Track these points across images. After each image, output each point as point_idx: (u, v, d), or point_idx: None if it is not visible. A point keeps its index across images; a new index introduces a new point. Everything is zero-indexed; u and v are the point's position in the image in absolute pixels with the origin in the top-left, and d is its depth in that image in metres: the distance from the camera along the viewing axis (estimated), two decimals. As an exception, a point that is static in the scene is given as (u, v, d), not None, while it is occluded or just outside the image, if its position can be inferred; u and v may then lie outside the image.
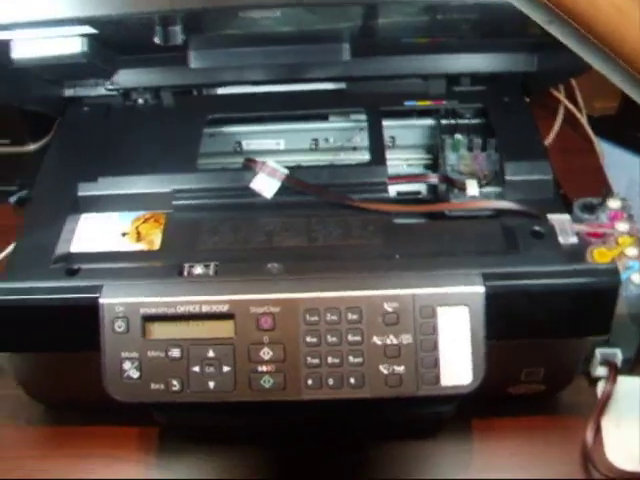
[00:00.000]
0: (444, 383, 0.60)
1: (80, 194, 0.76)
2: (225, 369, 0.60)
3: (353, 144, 0.87)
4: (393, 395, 0.60)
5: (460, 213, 0.73)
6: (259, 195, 0.75)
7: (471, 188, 0.74)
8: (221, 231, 0.72)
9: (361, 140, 0.86)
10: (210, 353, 0.61)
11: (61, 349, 0.64)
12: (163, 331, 0.61)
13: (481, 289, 0.60)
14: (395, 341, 0.60)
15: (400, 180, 0.80)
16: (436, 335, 0.60)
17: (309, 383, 0.60)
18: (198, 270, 0.66)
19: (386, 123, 0.82)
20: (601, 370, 0.74)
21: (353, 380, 0.60)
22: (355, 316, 0.60)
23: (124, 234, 0.74)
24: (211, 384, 0.61)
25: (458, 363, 0.60)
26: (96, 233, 0.74)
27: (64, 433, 0.75)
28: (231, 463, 0.72)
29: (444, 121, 0.83)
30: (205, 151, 0.81)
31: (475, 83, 0.86)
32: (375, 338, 0.60)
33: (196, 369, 0.61)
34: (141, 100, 0.88)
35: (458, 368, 0.60)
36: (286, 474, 0.72)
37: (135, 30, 0.71)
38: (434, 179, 0.78)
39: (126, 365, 0.61)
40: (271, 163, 0.75)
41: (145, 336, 0.61)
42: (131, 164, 0.78)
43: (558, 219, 0.70)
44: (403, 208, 0.74)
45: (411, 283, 0.61)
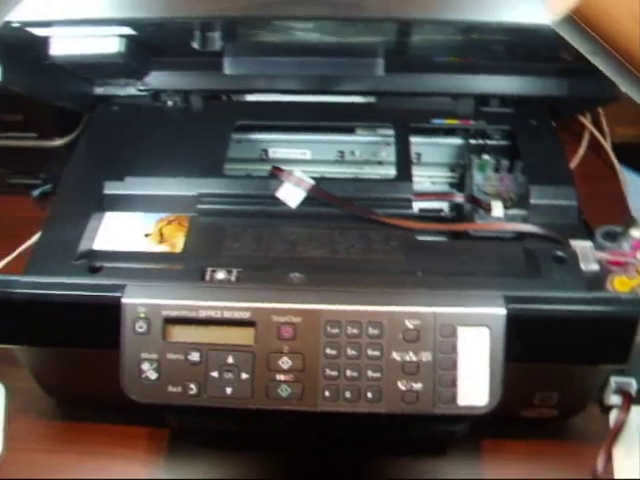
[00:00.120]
0: (460, 403, 0.60)
1: (106, 192, 0.76)
2: (243, 376, 0.61)
3: (379, 158, 0.87)
4: (409, 412, 0.60)
5: (483, 234, 0.73)
6: (284, 204, 0.75)
7: (496, 209, 0.74)
8: (244, 238, 0.72)
9: (387, 155, 0.86)
10: (229, 359, 0.61)
11: (79, 346, 0.64)
12: (184, 334, 0.61)
13: (502, 311, 0.60)
14: (414, 358, 0.60)
15: (425, 197, 0.80)
16: (455, 354, 0.60)
17: (326, 395, 0.60)
18: (220, 275, 0.66)
19: (413, 140, 0.82)
20: (615, 398, 0.74)
21: (370, 394, 0.60)
22: (376, 331, 0.60)
23: (147, 235, 0.74)
24: (228, 390, 0.61)
25: (475, 384, 0.60)
26: (119, 232, 0.74)
27: (74, 429, 0.75)
28: (240, 468, 0.72)
29: (473, 141, 0.83)
30: (231, 157, 0.81)
31: (503, 105, 0.86)
32: (394, 354, 0.60)
33: (214, 374, 0.61)
34: (170, 102, 0.88)
35: (475, 389, 0.60)
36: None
37: (173, 34, 0.72)
38: (460, 198, 0.78)
39: (145, 366, 0.61)
40: (298, 173, 0.75)
41: (165, 338, 0.61)
42: (158, 165, 0.78)
43: (581, 245, 0.70)
44: (427, 226, 0.74)
45: (433, 301, 0.61)
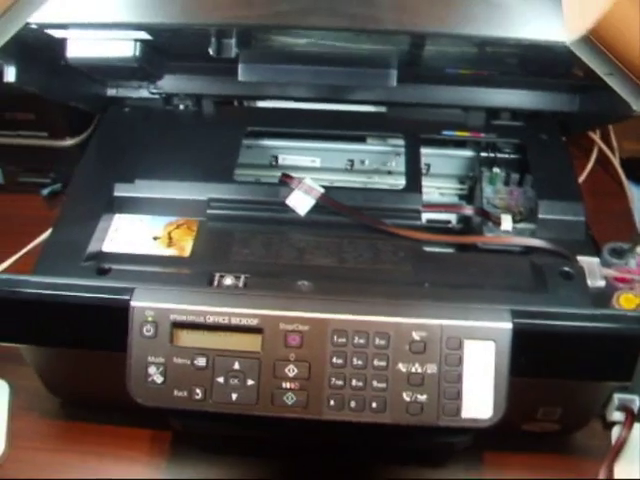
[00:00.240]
0: (464, 415, 0.60)
1: (116, 194, 0.76)
2: (249, 382, 0.61)
3: (388, 168, 0.87)
4: (413, 423, 0.60)
5: (491, 246, 0.73)
6: (293, 211, 0.75)
7: (505, 223, 0.75)
8: (253, 244, 0.73)
9: (396, 165, 0.86)
10: (236, 365, 0.61)
11: (86, 347, 0.64)
12: (191, 339, 0.62)
13: (509, 325, 0.60)
14: (420, 370, 0.60)
15: (435, 209, 0.80)
16: (461, 367, 0.60)
17: (331, 403, 0.60)
18: (228, 281, 0.66)
19: (423, 150, 0.83)
20: (617, 415, 0.74)
21: (375, 404, 0.60)
22: (383, 341, 0.60)
23: (156, 238, 0.74)
24: (234, 396, 0.61)
25: (480, 397, 0.60)
26: (128, 234, 0.75)
27: (78, 429, 0.76)
28: (242, 473, 0.72)
29: (483, 154, 0.83)
30: (241, 162, 0.82)
31: (514, 118, 0.86)
32: (400, 365, 0.60)
33: (220, 380, 0.61)
34: (182, 106, 0.89)
35: (479, 402, 0.60)
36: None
37: (188, 39, 0.72)
38: (469, 211, 0.79)
39: (151, 369, 0.61)
40: (308, 181, 0.75)
41: (173, 342, 0.61)
42: (168, 169, 0.78)
43: (588, 261, 0.70)
44: (436, 237, 0.74)
45: (440, 314, 0.61)
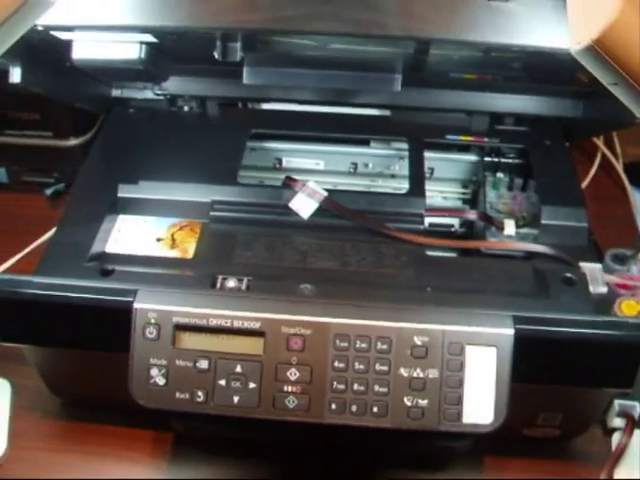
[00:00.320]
0: (465, 420, 0.60)
1: (120, 195, 0.77)
2: (251, 385, 0.61)
3: (392, 172, 0.87)
4: (414, 427, 0.60)
5: (494, 251, 0.73)
6: (296, 214, 0.75)
7: (509, 228, 0.75)
8: (255, 246, 0.73)
9: (400, 168, 0.86)
10: (237, 368, 0.61)
11: (89, 348, 0.65)
12: (193, 342, 0.62)
13: (510, 332, 0.60)
14: (421, 374, 0.60)
15: (438, 213, 0.81)
16: (462, 372, 0.60)
17: (332, 407, 0.60)
18: (231, 284, 0.67)
19: (426, 154, 0.83)
20: (618, 421, 0.74)
21: (376, 409, 0.60)
22: (385, 346, 0.60)
23: (159, 239, 0.74)
24: (235, 399, 0.61)
25: (481, 402, 0.60)
26: (132, 235, 0.75)
27: (79, 429, 0.76)
28: (242, 474, 0.72)
29: (487, 158, 0.83)
30: (245, 164, 0.82)
31: (518, 123, 0.86)
32: (402, 369, 0.60)
33: (222, 382, 0.61)
34: (186, 107, 0.89)
35: (480, 407, 0.60)
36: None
37: (194, 43, 0.72)
38: (473, 215, 0.79)
39: (153, 371, 0.61)
40: (311, 184, 0.76)
41: (175, 345, 0.61)
42: (172, 170, 0.78)
43: (590, 268, 0.70)
44: (439, 242, 0.74)
45: (442, 319, 0.61)
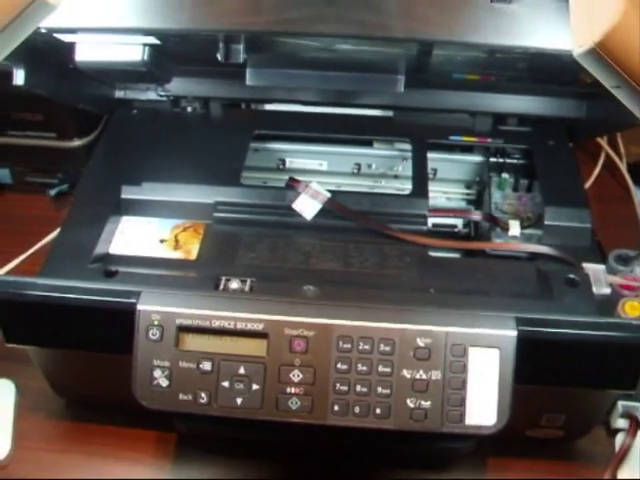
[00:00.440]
0: (468, 422, 0.60)
1: (123, 196, 0.77)
2: (254, 387, 0.61)
3: (395, 172, 0.87)
4: (417, 429, 0.60)
5: (497, 252, 0.73)
6: (299, 215, 0.75)
7: (513, 229, 0.75)
8: (259, 248, 0.73)
9: (403, 169, 0.86)
10: (241, 370, 0.61)
11: (93, 349, 0.65)
12: (196, 343, 0.62)
13: (513, 333, 0.60)
14: (424, 376, 0.60)
15: (442, 213, 0.81)
16: (465, 374, 0.60)
17: (335, 409, 0.60)
18: (234, 285, 0.67)
19: (430, 155, 0.83)
20: (621, 422, 0.74)
21: (379, 410, 0.60)
22: (387, 348, 0.60)
23: (162, 241, 0.75)
24: (238, 400, 0.61)
25: (484, 404, 0.60)
26: (135, 237, 0.75)
27: (83, 430, 0.76)
28: (246, 475, 0.72)
29: (492, 159, 0.83)
30: (248, 165, 0.82)
31: (521, 124, 0.86)
32: (405, 371, 0.60)
33: (225, 384, 0.61)
34: (190, 108, 0.89)
35: (483, 409, 0.60)
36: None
37: (197, 45, 0.73)
38: (477, 216, 0.79)
39: (156, 373, 0.61)
40: (315, 185, 0.76)
41: (178, 346, 0.61)
42: (175, 172, 0.79)
43: (593, 268, 0.70)
44: (443, 243, 0.74)
45: (445, 321, 0.61)
